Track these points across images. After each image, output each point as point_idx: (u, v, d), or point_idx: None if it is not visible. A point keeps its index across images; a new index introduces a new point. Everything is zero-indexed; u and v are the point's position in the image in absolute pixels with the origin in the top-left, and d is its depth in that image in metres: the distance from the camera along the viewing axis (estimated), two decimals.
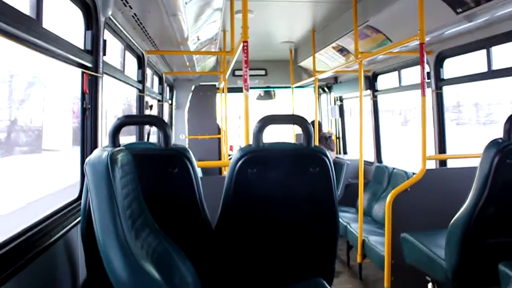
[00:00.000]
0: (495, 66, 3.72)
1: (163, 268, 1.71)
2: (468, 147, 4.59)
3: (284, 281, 2.25)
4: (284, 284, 2.24)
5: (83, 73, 2.61)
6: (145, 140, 4.85)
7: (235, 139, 8.80)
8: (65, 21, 2.53)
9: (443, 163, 4.49)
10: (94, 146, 2.64)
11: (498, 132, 2.57)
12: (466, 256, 2.60)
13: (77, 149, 2.73)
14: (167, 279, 1.58)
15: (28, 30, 1.82)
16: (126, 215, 1.53)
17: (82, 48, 2.63)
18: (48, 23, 2.04)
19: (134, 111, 4.62)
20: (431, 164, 4.45)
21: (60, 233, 2.04)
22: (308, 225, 2.23)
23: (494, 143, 2.50)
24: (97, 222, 1.46)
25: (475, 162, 2.69)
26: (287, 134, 7.62)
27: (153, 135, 5.78)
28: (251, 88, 3.22)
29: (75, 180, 2.64)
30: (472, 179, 2.60)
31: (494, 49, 3.69)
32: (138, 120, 3.09)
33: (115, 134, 2.00)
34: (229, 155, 7.04)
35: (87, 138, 2.66)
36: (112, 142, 1.99)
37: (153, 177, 2.17)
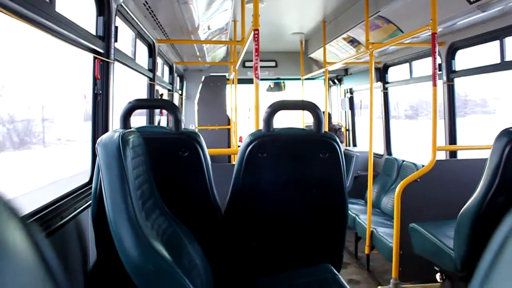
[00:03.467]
0: (508, 58, 3.68)
1: (172, 249, 1.73)
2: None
3: (292, 267, 2.26)
4: (292, 269, 2.25)
5: (94, 58, 2.63)
6: None
7: (244, 130, 8.82)
8: (77, 6, 2.55)
9: (453, 154, 4.47)
10: (105, 131, 2.67)
11: None
12: (475, 246, 2.58)
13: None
14: (176, 260, 1.60)
15: (42, 13, 1.83)
16: (136, 195, 1.54)
17: (94, 34, 2.64)
18: (61, 7, 2.06)
19: None
20: (441, 156, 4.43)
21: (71, 215, 2.06)
22: (317, 210, 2.24)
23: (505, 132, 2.47)
24: (108, 201, 1.48)
25: (485, 154, 2.67)
26: (295, 125, 7.59)
27: (162, 125, 5.80)
28: (261, 79, 3.22)
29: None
30: (482, 170, 2.58)
31: (508, 40, 3.65)
32: (149, 104, 3.10)
33: (126, 117, 2.02)
34: (239, 146, 7.05)
35: (98, 123, 2.68)
36: (124, 125, 2.01)
37: (163, 160, 2.19)
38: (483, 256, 0.52)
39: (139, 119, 4.89)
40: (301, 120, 7.58)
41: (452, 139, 4.51)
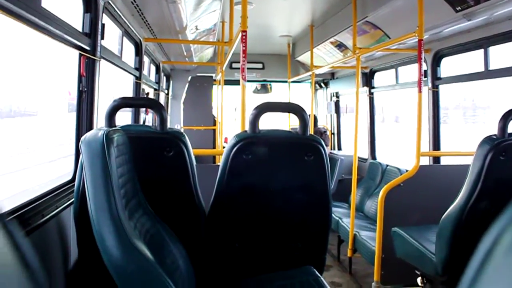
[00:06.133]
0: (492, 66, 3.74)
1: (155, 249, 1.71)
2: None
3: (275, 269, 2.26)
4: (275, 271, 2.25)
5: (80, 55, 2.60)
6: None
7: (230, 131, 8.81)
8: (63, 2, 2.51)
9: (436, 160, 4.52)
10: (89, 129, 2.64)
11: None
12: (456, 251, 2.62)
13: None
14: (159, 260, 1.58)
15: (28, 8, 1.81)
16: (120, 194, 1.53)
17: (81, 30, 2.62)
18: (47, 3, 2.03)
19: None
20: (425, 161, 4.48)
21: (53, 213, 2.03)
22: (301, 213, 2.24)
23: (488, 139, 2.52)
24: (91, 199, 1.46)
25: (469, 160, 2.71)
26: (281, 127, 7.59)
27: (147, 123, 5.76)
28: (248, 81, 3.22)
29: None
30: (465, 176, 2.62)
31: (492, 49, 3.70)
32: (134, 102, 3.08)
33: (111, 115, 2.00)
34: (224, 147, 7.04)
35: (82, 121, 2.65)
36: (108, 123, 1.99)
37: (148, 160, 2.17)
38: (470, 263, 0.52)
39: (124, 115, 4.86)
40: (286, 121, 7.60)
41: (435, 145, 4.56)
